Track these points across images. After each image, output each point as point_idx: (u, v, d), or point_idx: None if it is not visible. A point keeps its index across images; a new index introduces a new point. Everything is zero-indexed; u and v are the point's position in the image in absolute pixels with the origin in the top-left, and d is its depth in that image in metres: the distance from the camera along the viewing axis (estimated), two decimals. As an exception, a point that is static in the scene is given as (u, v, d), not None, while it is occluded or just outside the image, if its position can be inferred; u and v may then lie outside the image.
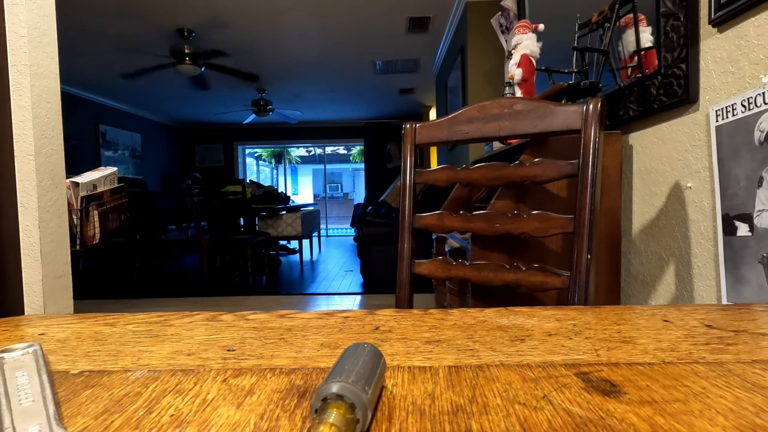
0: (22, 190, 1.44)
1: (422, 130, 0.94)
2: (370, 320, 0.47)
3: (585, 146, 0.76)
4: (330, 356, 0.36)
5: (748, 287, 0.92)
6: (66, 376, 0.33)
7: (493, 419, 0.25)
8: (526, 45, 1.65)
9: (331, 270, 5.00)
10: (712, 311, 0.47)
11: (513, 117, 0.86)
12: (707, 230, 1.05)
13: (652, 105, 1.20)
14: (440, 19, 4.07)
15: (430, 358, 0.36)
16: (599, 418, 0.25)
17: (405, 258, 0.91)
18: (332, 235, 9.91)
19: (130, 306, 3.49)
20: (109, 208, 1.69)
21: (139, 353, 0.38)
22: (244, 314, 0.50)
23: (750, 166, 0.90)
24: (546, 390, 0.29)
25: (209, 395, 0.29)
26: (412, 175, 0.93)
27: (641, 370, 0.32)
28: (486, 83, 3.56)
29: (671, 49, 1.12)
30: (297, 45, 4.53)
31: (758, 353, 0.35)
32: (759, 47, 0.89)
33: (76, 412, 0.28)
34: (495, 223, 0.86)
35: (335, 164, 15.60)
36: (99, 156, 6.68)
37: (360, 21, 4.04)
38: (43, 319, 0.50)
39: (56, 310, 1.51)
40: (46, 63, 1.36)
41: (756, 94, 0.88)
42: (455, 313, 0.48)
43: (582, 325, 0.43)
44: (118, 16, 3.83)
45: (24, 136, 1.43)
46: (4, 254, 1.43)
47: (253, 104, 6.76)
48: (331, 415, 0.22)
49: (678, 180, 1.15)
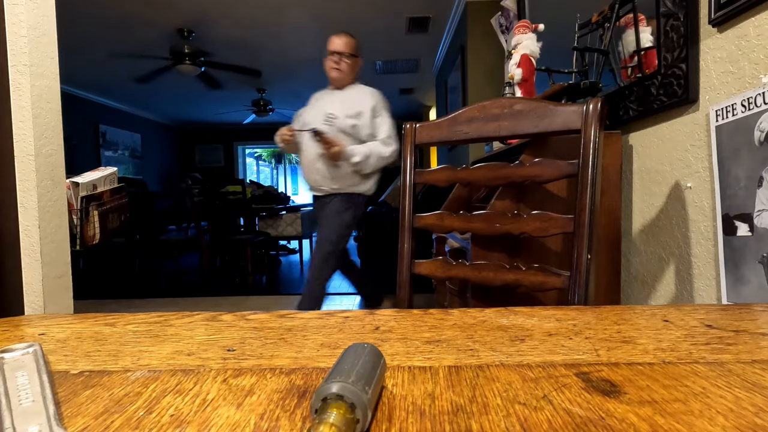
0: (22, 190, 1.44)
1: (422, 130, 0.94)
2: (370, 320, 0.47)
3: (585, 146, 0.76)
4: (330, 356, 0.36)
5: (748, 287, 0.92)
6: (66, 376, 0.33)
7: (493, 419, 0.25)
8: (526, 45, 1.65)
9: (331, 270, 4.99)
10: (712, 311, 0.47)
11: (513, 117, 0.86)
12: (707, 230, 1.05)
13: (652, 105, 1.20)
14: (440, 19, 4.07)
15: (430, 358, 0.36)
16: (599, 418, 0.25)
17: (405, 258, 0.91)
18: (332, 235, 9.88)
19: (130, 306, 3.49)
20: (109, 208, 1.69)
21: (139, 353, 0.38)
22: (244, 314, 0.50)
23: (750, 166, 0.90)
24: (546, 390, 0.29)
25: (209, 395, 0.29)
26: (412, 175, 0.93)
27: (641, 370, 0.32)
28: (486, 83, 3.56)
29: (671, 49, 1.12)
30: (297, 45, 4.53)
31: (758, 353, 0.35)
32: (759, 47, 0.89)
33: (76, 412, 0.28)
34: (495, 223, 0.86)
35: (335, 164, 15.54)
36: (99, 156, 6.68)
37: (360, 21, 4.04)
38: (43, 319, 0.50)
39: (56, 310, 1.51)
40: (46, 63, 1.36)
41: (756, 94, 0.88)
42: (455, 313, 0.48)
43: (582, 325, 0.43)
44: (118, 16, 3.83)
45: (24, 136, 1.43)
46: (4, 254, 1.43)
47: (253, 104, 6.76)
48: (331, 415, 0.22)
49: (678, 180, 1.15)
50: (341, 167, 2.06)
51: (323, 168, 2.09)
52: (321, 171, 2.10)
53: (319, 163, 2.08)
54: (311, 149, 2.08)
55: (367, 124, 2.08)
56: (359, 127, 2.06)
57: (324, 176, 2.11)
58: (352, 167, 2.05)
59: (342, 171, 2.08)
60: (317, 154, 2.06)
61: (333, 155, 1.98)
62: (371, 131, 2.09)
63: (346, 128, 2.04)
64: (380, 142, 2.09)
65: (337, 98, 2.10)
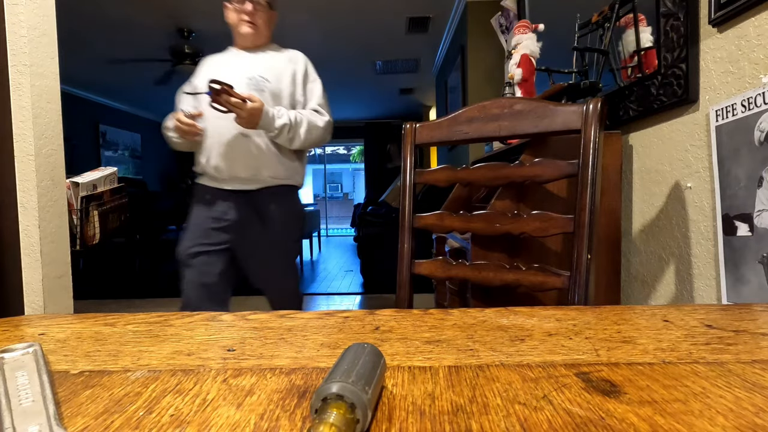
0: (22, 190, 1.43)
1: (422, 130, 0.94)
2: (370, 320, 0.47)
3: (585, 146, 0.76)
4: (330, 356, 0.36)
5: (748, 287, 0.92)
6: (66, 376, 0.33)
7: (493, 419, 0.25)
8: (526, 45, 1.65)
9: (331, 270, 5.00)
10: (712, 311, 0.47)
11: (513, 117, 0.86)
12: (707, 230, 1.05)
13: (652, 105, 1.20)
14: (440, 19, 4.07)
15: (430, 358, 0.36)
16: (599, 418, 0.25)
17: (405, 258, 0.91)
18: (332, 235, 9.91)
19: (130, 306, 3.49)
20: (109, 208, 1.69)
21: (139, 353, 0.38)
22: (244, 314, 0.50)
23: (750, 165, 0.90)
24: (546, 390, 0.29)
25: (209, 395, 0.29)
26: (412, 175, 0.93)
27: (641, 370, 0.32)
28: (486, 83, 3.56)
29: (671, 49, 1.12)
30: (297, 45, 4.52)
31: (758, 353, 0.35)
32: (759, 47, 0.89)
33: (76, 412, 0.28)
34: (495, 223, 0.86)
35: (335, 164, 15.60)
36: (99, 156, 6.68)
37: (360, 21, 4.04)
38: (43, 319, 0.50)
39: (56, 310, 1.51)
40: (46, 63, 1.36)
41: (756, 94, 0.88)
42: (455, 313, 0.48)
43: (582, 325, 0.43)
44: (119, 16, 3.82)
45: (24, 136, 1.43)
46: (4, 254, 1.43)
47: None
48: (331, 415, 0.22)
49: (678, 180, 1.15)
50: (262, 142, 1.48)
51: (245, 146, 1.47)
52: (241, 151, 1.47)
53: (239, 140, 1.46)
54: (224, 124, 1.44)
55: (300, 92, 1.57)
56: (292, 96, 1.55)
57: (247, 160, 1.48)
58: (277, 135, 1.45)
59: (268, 149, 1.49)
60: (235, 128, 1.43)
61: (250, 115, 1.36)
62: (303, 100, 1.59)
63: (283, 98, 1.52)
64: (312, 110, 1.57)
65: (259, 61, 1.54)
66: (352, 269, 4.95)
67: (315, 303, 3.52)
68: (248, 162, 1.49)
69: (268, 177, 1.51)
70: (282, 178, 1.54)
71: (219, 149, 1.49)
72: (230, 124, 1.41)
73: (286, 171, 1.55)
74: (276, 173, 1.52)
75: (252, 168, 1.50)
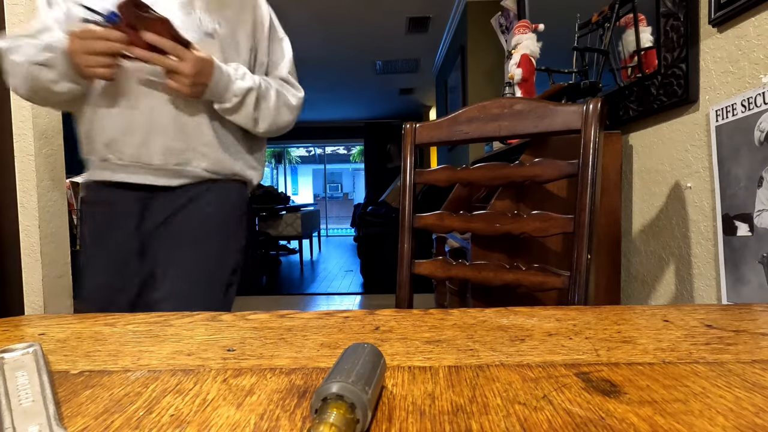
0: (22, 190, 1.43)
1: (422, 130, 0.94)
2: (370, 320, 0.47)
3: (585, 146, 0.76)
4: (330, 356, 0.36)
5: (748, 287, 0.92)
6: (66, 376, 0.33)
7: (493, 419, 0.25)
8: (526, 45, 1.65)
9: (331, 270, 5.00)
10: (712, 311, 0.47)
11: (513, 117, 0.86)
12: (707, 230, 1.05)
13: (652, 105, 1.20)
14: (440, 19, 4.07)
15: (430, 358, 0.36)
16: (599, 418, 0.25)
17: (405, 258, 0.91)
18: (332, 235, 9.91)
19: (130, 306, 3.49)
20: (109, 208, 1.68)
21: (139, 353, 0.38)
22: (244, 314, 0.50)
23: (750, 166, 0.90)
24: (546, 390, 0.29)
25: (209, 395, 0.29)
26: (412, 175, 0.93)
27: (641, 370, 0.32)
28: (486, 83, 3.56)
29: (671, 49, 1.12)
30: (297, 45, 4.52)
31: (758, 353, 0.35)
32: (759, 47, 0.89)
33: (76, 412, 0.28)
34: (495, 223, 0.86)
35: (335, 164, 15.60)
36: (99, 156, 6.66)
37: (360, 21, 4.04)
38: (43, 319, 0.50)
39: (56, 310, 1.51)
40: (46, 63, 1.36)
41: (756, 94, 0.88)
42: (455, 313, 0.48)
43: (582, 325, 0.43)
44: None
45: (24, 136, 1.43)
46: (4, 254, 1.43)
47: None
48: (331, 415, 0.22)
49: (678, 180, 1.15)
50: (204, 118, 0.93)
51: (169, 115, 0.90)
52: (161, 123, 0.90)
53: (159, 104, 0.90)
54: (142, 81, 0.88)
55: (264, 50, 1.04)
56: (253, 53, 1.02)
57: (169, 137, 0.91)
58: (235, 107, 0.93)
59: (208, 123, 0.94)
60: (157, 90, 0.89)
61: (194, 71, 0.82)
62: (267, 62, 1.05)
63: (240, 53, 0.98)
64: (280, 80, 1.05)
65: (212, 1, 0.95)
66: (352, 269, 4.96)
67: (315, 303, 3.52)
68: (169, 142, 0.91)
69: (202, 169, 0.95)
70: (225, 172, 0.99)
71: (121, 117, 0.89)
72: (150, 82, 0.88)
73: (232, 159, 0.99)
74: (216, 163, 0.96)
75: (175, 153, 0.92)
